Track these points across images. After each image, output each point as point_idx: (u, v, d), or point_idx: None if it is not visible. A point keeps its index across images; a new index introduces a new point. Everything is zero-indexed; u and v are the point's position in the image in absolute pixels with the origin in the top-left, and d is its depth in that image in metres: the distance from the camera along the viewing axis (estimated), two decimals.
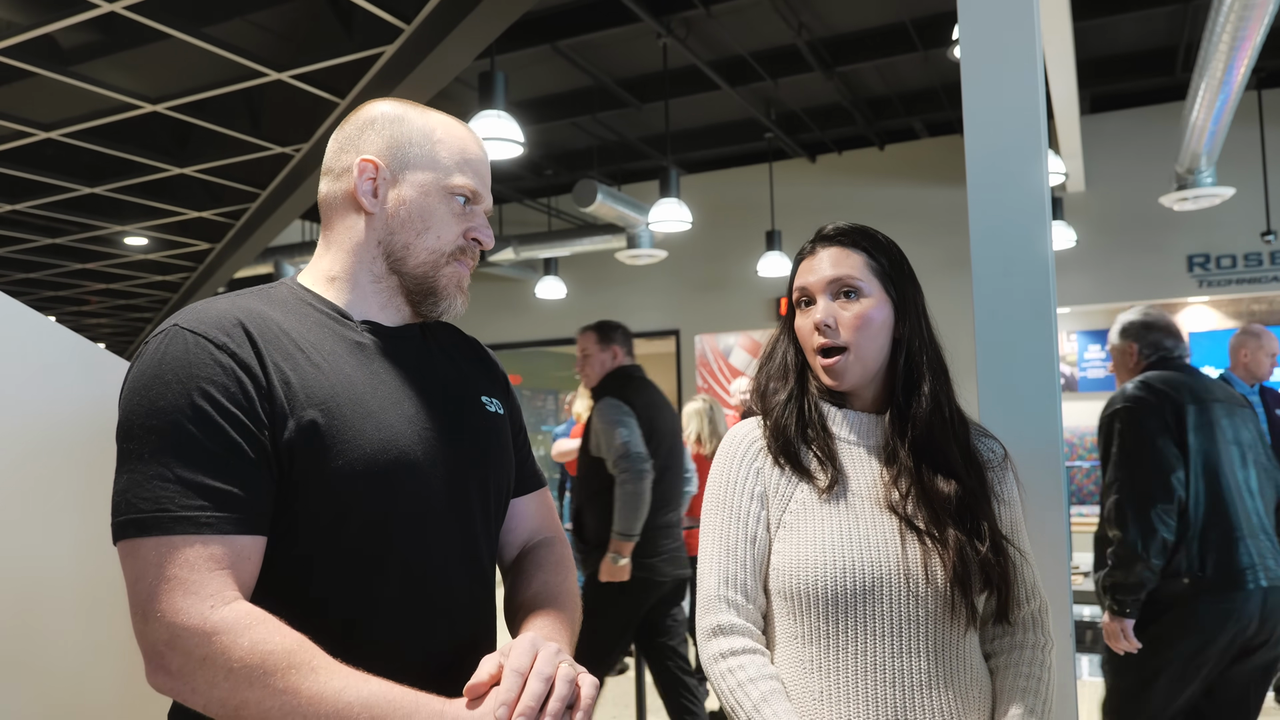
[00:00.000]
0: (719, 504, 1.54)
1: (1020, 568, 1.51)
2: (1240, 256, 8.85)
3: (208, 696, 1.04)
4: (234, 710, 1.04)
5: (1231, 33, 4.89)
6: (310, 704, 1.02)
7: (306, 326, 1.25)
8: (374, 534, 1.20)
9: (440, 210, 1.31)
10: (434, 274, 1.32)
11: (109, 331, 13.50)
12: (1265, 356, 4.73)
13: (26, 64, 4.77)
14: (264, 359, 1.17)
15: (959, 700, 1.42)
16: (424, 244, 1.31)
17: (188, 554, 1.06)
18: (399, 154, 1.30)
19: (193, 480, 1.09)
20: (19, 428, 1.96)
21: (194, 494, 1.09)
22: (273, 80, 5.08)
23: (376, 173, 1.29)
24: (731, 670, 1.44)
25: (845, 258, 1.55)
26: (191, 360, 1.14)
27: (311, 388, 1.19)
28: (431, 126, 1.33)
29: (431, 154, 1.31)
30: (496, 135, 5.27)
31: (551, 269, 10.92)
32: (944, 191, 9.54)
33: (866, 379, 1.53)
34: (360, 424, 1.20)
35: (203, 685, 1.04)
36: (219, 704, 1.04)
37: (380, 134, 1.31)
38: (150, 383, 1.13)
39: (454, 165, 1.32)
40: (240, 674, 1.03)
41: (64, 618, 2.02)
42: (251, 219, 7.65)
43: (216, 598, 1.06)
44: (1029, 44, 1.95)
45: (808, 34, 7.30)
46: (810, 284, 1.55)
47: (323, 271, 1.33)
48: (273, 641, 1.04)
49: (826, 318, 1.51)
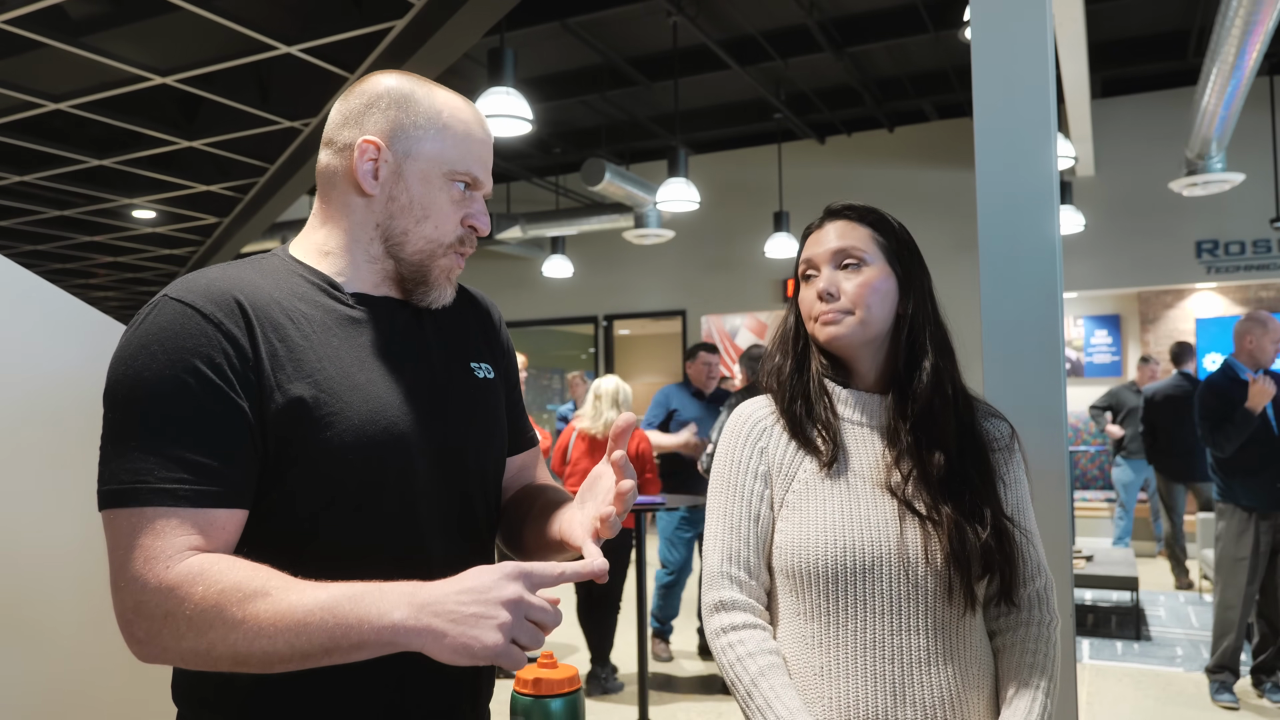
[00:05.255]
0: (724, 482, 1.56)
1: (1024, 547, 1.52)
2: (1249, 243, 8.83)
3: (178, 650, 1.05)
4: (205, 655, 1.04)
5: (1244, 18, 4.87)
6: (272, 624, 1.02)
7: (297, 298, 1.24)
8: (364, 507, 1.20)
9: (440, 199, 1.29)
10: (430, 263, 1.31)
11: (116, 305, 13.53)
12: (1270, 343, 4.73)
13: (36, 34, 4.77)
14: (253, 330, 1.17)
15: (959, 677, 1.43)
16: (422, 232, 1.29)
17: (159, 525, 1.07)
18: (402, 136, 1.28)
19: (172, 453, 1.09)
20: (24, 394, 1.98)
21: (173, 466, 1.09)
22: (282, 54, 5.07)
23: (378, 154, 1.27)
24: (732, 645, 1.47)
25: (851, 230, 1.55)
26: (178, 331, 1.13)
27: (300, 360, 1.19)
28: (438, 109, 1.30)
29: (436, 139, 1.29)
30: (505, 112, 5.26)
31: (559, 248, 10.91)
32: (953, 174, 9.52)
33: (864, 340, 1.52)
34: (348, 396, 1.20)
35: (170, 641, 1.04)
36: (191, 654, 1.04)
37: (385, 113, 1.28)
38: (136, 353, 1.13)
39: (457, 152, 1.30)
40: (200, 619, 1.03)
41: (65, 587, 2.04)
42: (259, 193, 7.66)
43: (175, 557, 1.06)
44: (1040, 26, 1.95)
45: (818, 14, 7.27)
46: (815, 255, 1.56)
47: (317, 245, 1.32)
48: (225, 578, 1.04)
49: (829, 286, 1.52)
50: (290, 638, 1.01)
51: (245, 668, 1.04)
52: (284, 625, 1.01)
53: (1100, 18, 7.32)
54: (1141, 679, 5.35)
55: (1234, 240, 8.87)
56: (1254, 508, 4.64)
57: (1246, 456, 4.66)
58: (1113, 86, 9.25)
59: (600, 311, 11.80)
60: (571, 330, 12.70)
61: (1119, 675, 5.43)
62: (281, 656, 1.02)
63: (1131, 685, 5.25)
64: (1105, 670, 5.53)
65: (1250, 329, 4.77)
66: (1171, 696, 5.04)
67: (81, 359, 2.08)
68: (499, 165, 10.28)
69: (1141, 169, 9.04)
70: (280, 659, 1.02)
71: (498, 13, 4.76)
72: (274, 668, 1.04)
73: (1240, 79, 5.61)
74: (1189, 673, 5.43)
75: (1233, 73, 5.51)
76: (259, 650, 1.02)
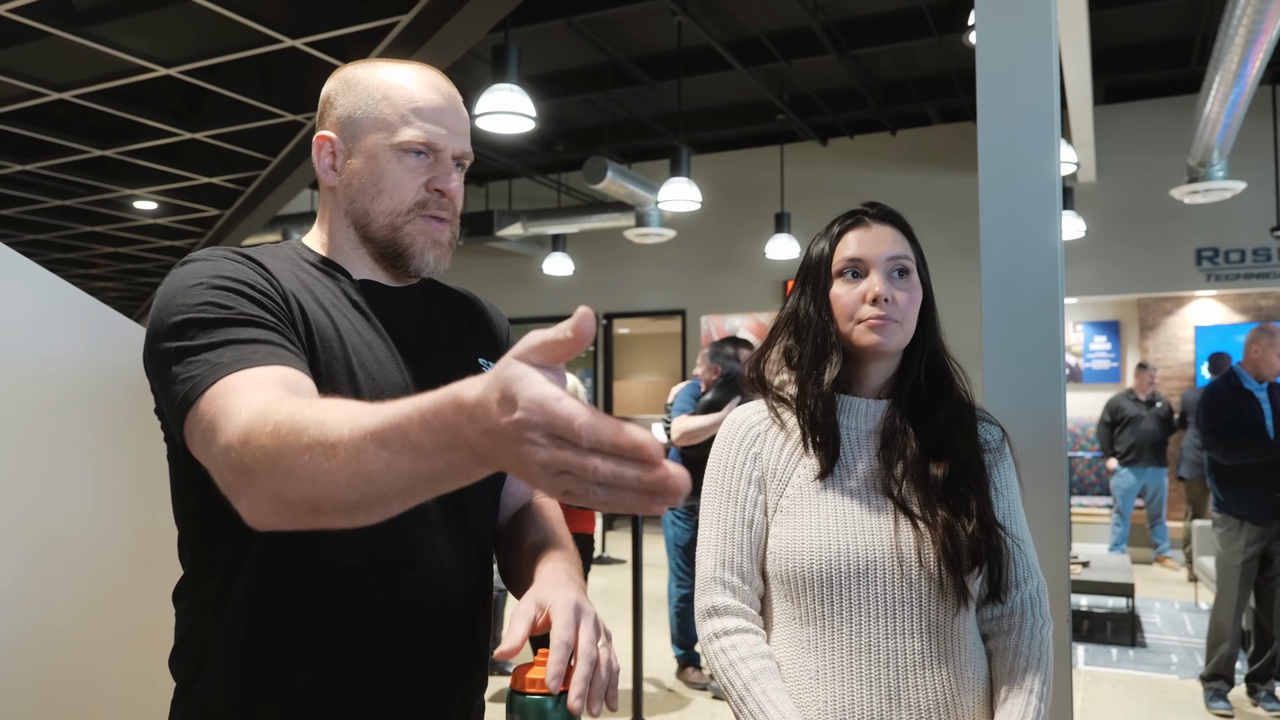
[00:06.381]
0: (717, 489, 1.56)
1: (1013, 550, 1.52)
2: (1249, 251, 8.83)
3: (274, 492, 0.90)
4: (285, 500, 0.89)
5: (1248, 27, 4.87)
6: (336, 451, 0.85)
7: (311, 278, 1.27)
8: None
9: (391, 170, 1.29)
10: (396, 234, 1.31)
11: (116, 295, 13.52)
12: (1275, 357, 4.75)
13: (40, 23, 4.76)
14: (279, 282, 1.19)
15: (954, 680, 1.44)
16: (380, 207, 1.30)
17: (225, 385, 1.01)
18: (350, 123, 1.31)
19: (221, 338, 1.06)
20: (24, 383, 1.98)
21: (225, 347, 1.06)
22: (286, 47, 5.07)
23: (332, 146, 1.31)
24: (724, 650, 1.47)
25: (899, 238, 1.54)
26: (208, 267, 1.15)
27: (320, 332, 1.20)
28: (377, 84, 1.30)
29: (378, 114, 1.29)
30: (508, 109, 5.27)
31: (559, 245, 10.91)
32: (955, 178, 9.52)
33: (895, 350, 1.52)
34: (357, 374, 1.21)
35: (262, 486, 0.91)
36: (279, 502, 0.90)
37: (336, 106, 1.32)
38: (172, 295, 1.12)
39: (400, 120, 1.29)
40: (266, 459, 0.89)
41: (66, 576, 2.04)
42: (261, 186, 7.65)
43: (244, 405, 0.96)
44: (1045, 32, 1.95)
45: (823, 16, 7.27)
46: (869, 256, 1.52)
47: (319, 240, 1.36)
48: (281, 411, 0.91)
49: (887, 291, 1.49)
50: (355, 465, 0.83)
51: (323, 516, 0.89)
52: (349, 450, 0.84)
53: (1104, 24, 7.33)
54: (1136, 686, 5.35)
55: (1234, 248, 8.88)
56: (1250, 516, 4.65)
57: (1244, 465, 4.67)
58: (1115, 93, 9.25)
59: (600, 310, 11.79)
60: None
61: (1114, 681, 5.43)
62: (348, 492, 0.85)
63: (1126, 692, 5.25)
64: (1100, 676, 5.53)
65: (1258, 338, 4.79)
66: (1166, 704, 5.04)
67: (81, 348, 2.08)
68: (501, 162, 10.28)
69: (1143, 176, 9.04)
70: (349, 498, 0.86)
71: (503, 9, 4.76)
72: (353, 514, 0.88)
73: (1243, 88, 5.61)
74: (1184, 680, 5.43)
75: (1235, 81, 5.52)
76: (327, 491, 0.86)
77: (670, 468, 0.69)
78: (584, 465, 0.68)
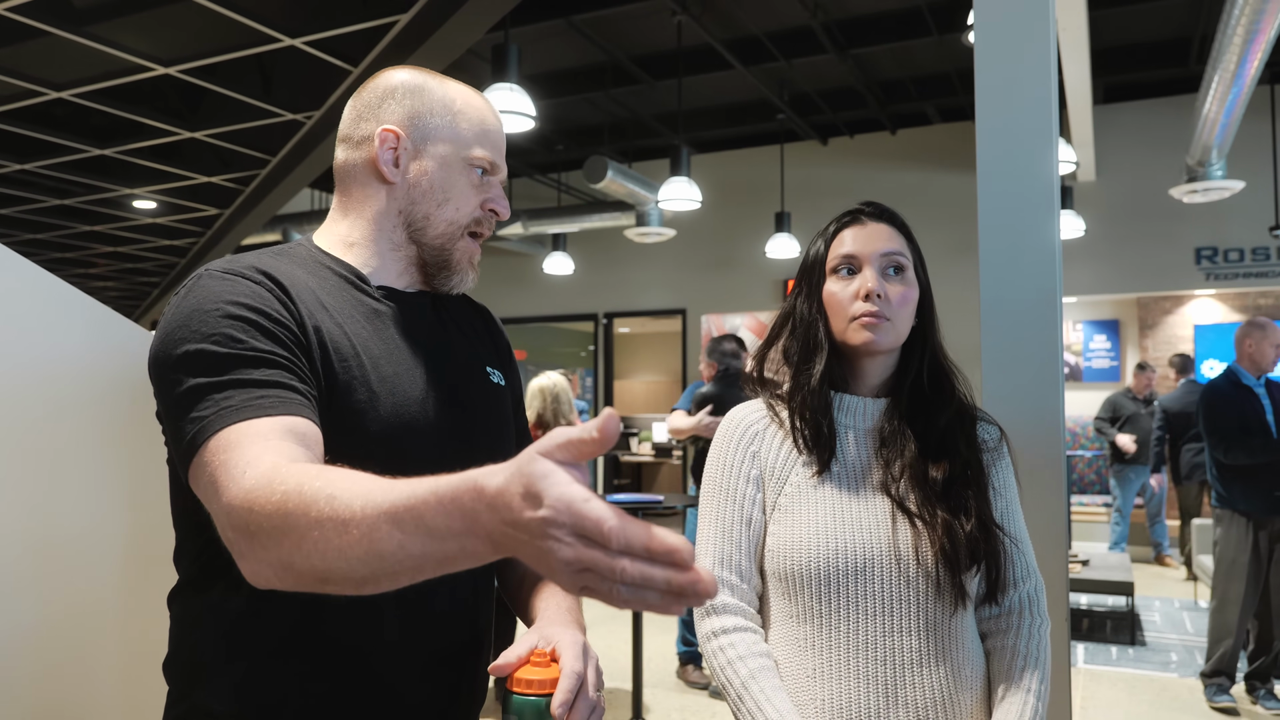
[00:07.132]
0: (715, 487, 1.56)
1: (1011, 550, 1.52)
2: (1248, 250, 8.84)
3: (270, 564, 0.92)
4: (291, 569, 0.91)
5: (1246, 26, 4.88)
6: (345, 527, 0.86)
7: (327, 288, 1.26)
8: None
9: (460, 182, 1.32)
10: (450, 246, 1.34)
11: (115, 295, 13.51)
12: (1270, 348, 4.75)
13: (39, 22, 4.76)
14: (296, 307, 1.17)
15: (952, 678, 1.44)
16: (443, 215, 1.32)
17: (230, 437, 1.00)
18: (419, 124, 1.31)
19: (232, 378, 1.05)
20: (22, 383, 1.98)
21: (233, 389, 1.05)
22: (286, 46, 5.07)
23: (398, 143, 1.30)
24: (722, 648, 1.47)
25: (895, 235, 1.54)
26: (226, 289, 1.13)
27: (336, 346, 1.20)
28: (451, 97, 1.33)
29: (452, 125, 1.32)
30: (508, 109, 5.26)
31: (560, 245, 10.91)
32: (954, 177, 9.52)
33: (889, 349, 1.53)
34: (375, 387, 1.21)
35: (267, 553, 0.92)
36: (282, 569, 0.92)
37: (400, 104, 1.31)
38: (186, 319, 1.11)
39: (473, 137, 1.33)
40: (271, 528, 0.90)
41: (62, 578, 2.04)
42: (261, 185, 7.65)
43: (249, 464, 0.96)
44: (1044, 31, 1.95)
45: (823, 15, 7.27)
46: (862, 252, 1.52)
47: (340, 236, 1.34)
48: (290, 480, 0.91)
49: (879, 287, 1.50)
50: (367, 544, 0.83)
51: (330, 586, 0.90)
52: (360, 528, 0.84)
53: (1103, 24, 7.33)
54: (1136, 684, 5.36)
55: (1233, 247, 8.88)
56: (1252, 513, 4.66)
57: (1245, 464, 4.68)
58: (1114, 92, 9.25)
59: (600, 309, 11.79)
60: (571, 327, 12.69)
61: (1113, 680, 5.44)
62: (359, 568, 0.85)
63: (1126, 690, 5.25)
64: (1099, 675, 5.54)
65: (1250, 333, 4.79)
66: (1166, 702, 5.04)
67: (80, 348, 2.08)
68: None
69: (1142, 175, 9.04)
70: (359, 574, 0.86)
71: (503, 8, 4.76)
72: (362, 587, 0.88)
73: (1241, 87, 5.62)
74: (1183, 678, 5.44)
75: (1234, 81, 5.52)
76: (337, 567, 0.86)
77: (701, 571, 0.69)
78: (612, 567, 0.69)
